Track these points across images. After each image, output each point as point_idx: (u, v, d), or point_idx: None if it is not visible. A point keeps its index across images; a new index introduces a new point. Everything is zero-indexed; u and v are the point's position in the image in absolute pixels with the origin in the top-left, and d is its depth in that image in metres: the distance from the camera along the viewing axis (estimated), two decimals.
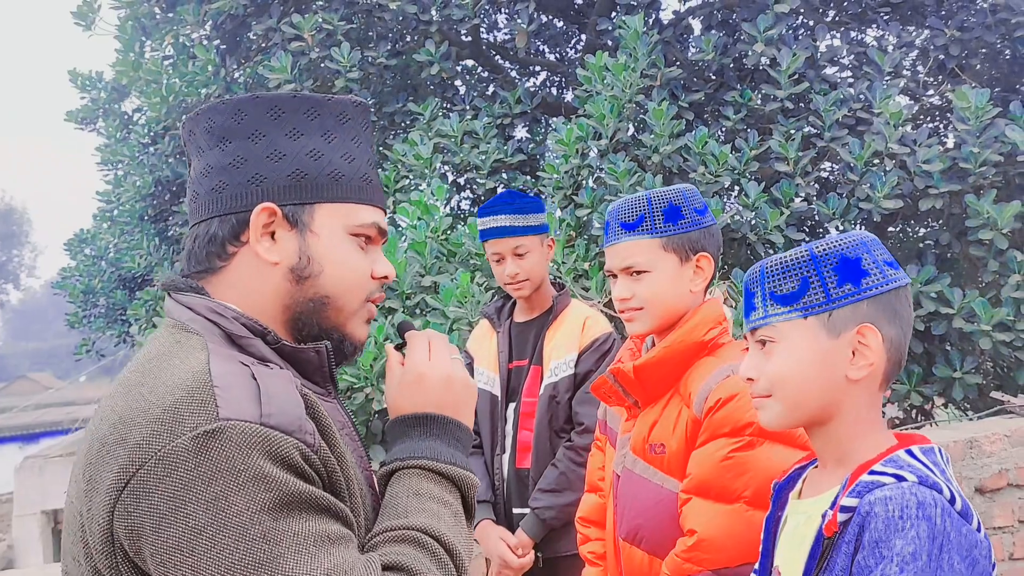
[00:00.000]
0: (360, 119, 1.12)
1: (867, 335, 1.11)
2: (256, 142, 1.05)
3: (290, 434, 0.90)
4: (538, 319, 2.59)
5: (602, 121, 4.90)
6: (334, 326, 1.09)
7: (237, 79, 6.69)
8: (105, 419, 0.94)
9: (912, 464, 1.06)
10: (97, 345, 8.27)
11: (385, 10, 5.80)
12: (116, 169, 7.86)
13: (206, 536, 0.85)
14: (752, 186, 4.73)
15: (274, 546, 0.86)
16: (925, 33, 5.89)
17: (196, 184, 1.08)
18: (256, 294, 1.06)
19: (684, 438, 1.62)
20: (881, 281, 1.12)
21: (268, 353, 1.02)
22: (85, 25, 6.90)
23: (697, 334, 1.65)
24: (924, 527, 0.97)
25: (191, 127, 1.10)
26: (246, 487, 0.86)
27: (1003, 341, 4.40)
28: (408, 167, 5.46)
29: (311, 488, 0.91)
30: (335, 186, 1.07)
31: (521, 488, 2.54)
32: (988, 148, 4.49)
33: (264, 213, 1.04)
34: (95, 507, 0.90)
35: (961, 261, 5.29)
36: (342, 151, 1.09)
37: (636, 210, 1.67)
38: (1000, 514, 3.49)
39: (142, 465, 0.87)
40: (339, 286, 1.08)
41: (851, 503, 1.04)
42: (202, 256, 1.07)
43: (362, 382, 4.00)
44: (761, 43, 5.03)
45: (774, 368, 1.15)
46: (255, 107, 1.07)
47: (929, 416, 5.79)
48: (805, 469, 1.26)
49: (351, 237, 1.08)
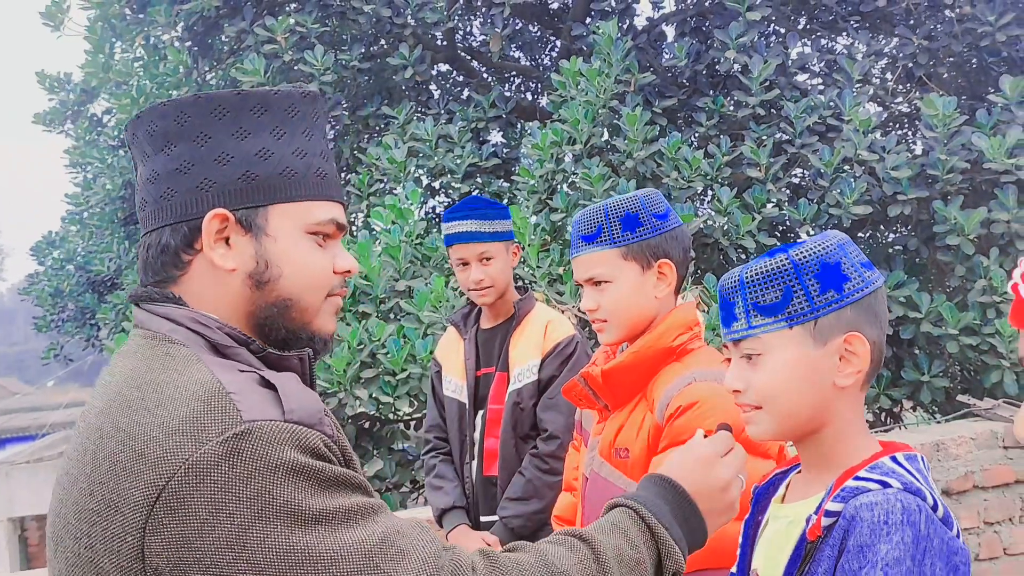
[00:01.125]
0: (309, 111, 1.08)
1: (855, 343, 1.10)
2: (202, 145, 1.01)
3: (312, 427, 0.92)
4: (503, 325, 2.58)
5: (576, 126, 4.91)
6: (300, 326, 1.07)
7: (209, 81, 6.63)
8: (107, 436, 0.91)
9: (896, 471, 1.06)
10: (65, 350, 8.15)
11: (359, 13, 5.78)
12: (85, 172, 7.76)
13: (256, 529, 0.85)
14: (724, 191, 4.77)
15: (327, 524, 0.87)
16: (894, 42, 5.98)
17: (144, 191, 1.05)
18: (217, 302, 1.03)
19: (646, 443, 1.63)
20: (861, 285, 1.11)
21: (254, 362, 1.01)
22: (54, 26, 6.80)
23: (665, 340, 1.66)
24: (909, 533, 0.98)
25: (133, 131, 1.06)
26: (286, 478, 0.87)
27: (970, 345, 4.48)
28: (382, 171, 5.44)
29: (343, 469, 0.93)
30: (288, 185, 1.03)
31: (489, 496, 2.54)
32: (955, 155, 4.56)
33: (216, 220, 1.01)
34: (116, 526, 0.87)
35: (929, 266, 5.37)
36: (293, 147, 1.05)
37: (594, 221, 1.68)
38: (966, 516, 3.54)
39: (172, 476, 0.85)
40: (300, 287, 1.05)
41: (836, 508, 1.05)
42: (157, 266, 1.03)
43: (335, 387, 3.98)
44: (733, 50, 5.07)
45: (763, 381, 1.13)
46: (198, 108, 1.02)
47: (898, 419, 5.86)
48: (788, 474, 1.26)
49: (308, 235, 1.05)
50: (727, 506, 1.14)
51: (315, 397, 0.96)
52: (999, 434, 3.66)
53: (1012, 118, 4.61)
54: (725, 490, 1.14)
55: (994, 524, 3.60)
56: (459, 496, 2.56)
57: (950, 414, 4.47)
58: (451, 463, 2.62)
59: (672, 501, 1.10)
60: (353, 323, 4.17)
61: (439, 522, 2.58)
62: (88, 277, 7.62)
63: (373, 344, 4.06)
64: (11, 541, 9.83)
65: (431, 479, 2.64)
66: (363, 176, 5.56)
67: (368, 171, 5.55)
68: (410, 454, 4.72)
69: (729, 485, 1.14)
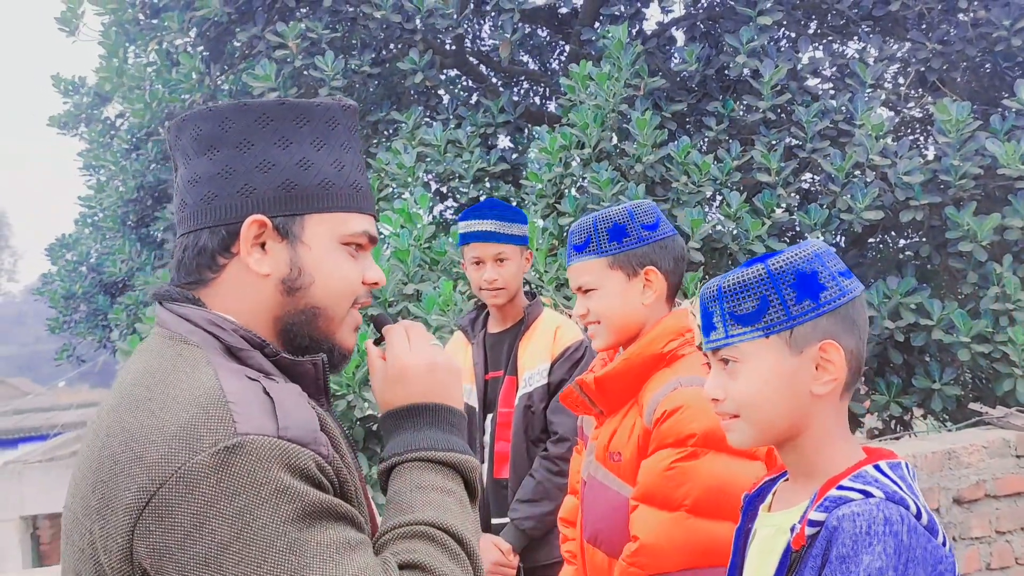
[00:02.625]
0: (348, 123, 1.11)
1: (829, 351, 1.11)
2: (245, 151, 1.04)
3: (306, 446, 0.91)
4: (511, 329, 2.61)
5: (585, 130, 4.91)
6: (324, 336, 1.08)
7: (221, 86, 6.67)
8: (113, 435, 0.92)
9: (879, 479, 1.07)
10: (77, 351, 8.21)
11: (369, 19, 5.80)
12: (98, 174, 7.81)
13: (233, 550, 0.85)
14: (734, 196, 4.75)
15: (300, 556, 0.87)
16: (906, 46, 5.95)
17: (184, 193, 1.07)
18: (247, 305, 1.04)
19: (637, 447, 1.69)
20: (838, 294, 1.12)
21: (267, 365, 1.02)
22: (69, 31, 6.86)
23: (656, 346, 1.71)
24: (891, 543, 0.98)
25: (177, 133, 1.09)
26: (270, 500, 0.87)
27: (981, 353, 4.44)
28: (391, 175, 5.45)
29: (329, 497, 0.92)
30: (325, 196, 1.06)
31: (500, 498, 2.55)
32: (968, 161, 4.53)
33: (255, 225, 1.03)
34: (111, 526, 0.89)
35: (941, 273, 5.33)
36: (332, 158, 1.07)
37: (584, 232, 1.76)
38: (978, 524, 3.51)
39: (163, 483, 0.86)
40: (330, 296, 1.07)
41: (819, 517, 1.05)
42: (192, 267, 1.05)
43: (344, 389, 3.99)
44: (744, 55, 5.06)
45: (741, 390, 1.15)
46: (242, 115, 1.05)
47: (908, 427, 5.83)
48: (776, 481, 1.27)
49: (342, 246, 1.07)
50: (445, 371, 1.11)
51: (312, 415, 0.96)
52: (1011, 442, 3.62)
53: None
54: (432, 367, 1.10)
55: (1006, 533, 3.57)
56: None
57: (961, 422, 4.44)
58: None
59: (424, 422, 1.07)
60: (361, 326, 4.17)
61: None
62: (100, 279, 7.68)
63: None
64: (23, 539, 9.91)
65: None
66: (372, 181, 5.57)
67: (377, 176, 5.56)
68: None
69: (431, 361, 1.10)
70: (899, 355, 4.85)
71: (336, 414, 4.02)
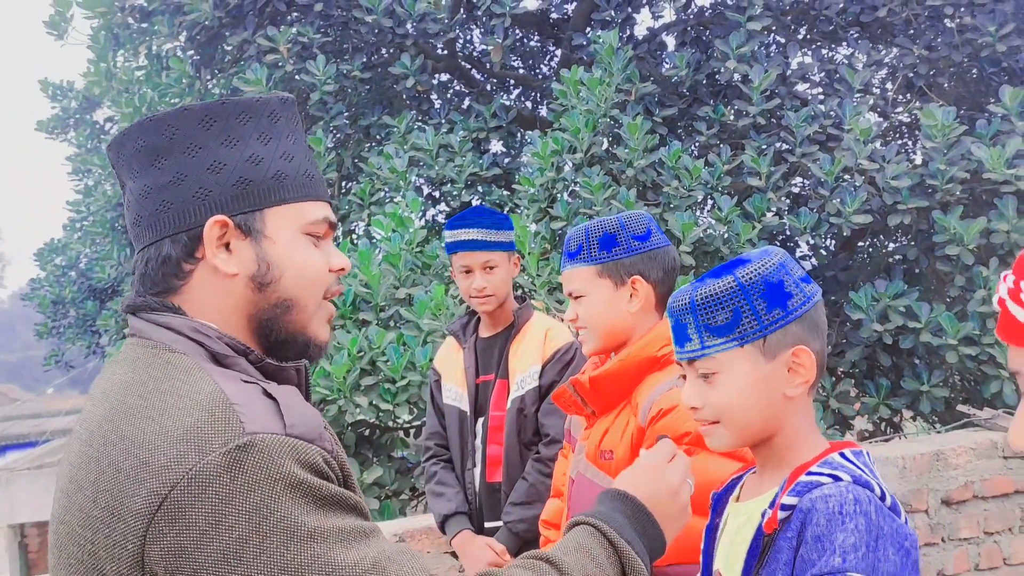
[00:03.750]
0: (288, 115, 1.11)
1: (801, 356, 1.18)
2: (193, 155, 1.03)
3: (312, 442, 0.93)
4: (502, 333, 2.62)
5: (577, 135, 4.93)
6: (299, 329, 1.08)
7: (212, 91, 6.66)
8: (111, 443, 0.92)
9: (845, 465, 1.14)
10: (66, 357, 8.16)
11: (361, 23, 5.81)
12: (87, 179, 7.78)
13: (253, 543, 0.86)
14: (725, 200, 4.78)
15: (322, 543, 0.88)
16: (894, 52, 6.00)
17: (137, 207, 1.05)
18: (218, 308, 1.04)
19: (630, 445, 1.72)
20: (803, 300, 1.19)
21: (253, 372, 1.02)
22: (57, 34, 6.83)
23: (650, 350, 1.75)
24: (862, 521, 1.05)
25: (118, 149, 1.07)
26: (285, 493, 0.88)
27: (969, 355, 4.48)
28: (383, 180, 5.46)
29: (341, 489, 0.94)
30: (280, 187, 1.06)
31: (493, 502, 2.56)
32: (955, 165, 4.57)
33: (216, 226, 1.03)
34: (119, 534, 0.88)
35: (929, 276, 5.37)
36: (280, 151, 1.07)
37: (577, 240, 1.81)
38: (966, 526, 3.54)
39: (174, 486, 0.86)
40: (301, 287, 1.07)
41: (791, 501, 1.12)
42: (158, 277, 1.04)
43: (335, 394, 3.99)
44: (734, 60, 5.09)
45: (719, 398, 1.20)
46: (185, 120, 1.04)
47: (898, 429, 5.86)
48: (742, 477, 1.33)
49: (305, 236, 1.08)
50: (680, 510, 1.18)
51: (315, 412, 0.97)
52: (999, 444, 3.66)
53: (1012, 128, 4.62)
54: (676, 494, 1.18)
55: (994, 534, 3.60)
56: (461, 502, 2.58)
57: (950, 424, 4.47)
58: (452, 469, 2.64)
59: (629, 513, 1.13)
60: (353, 330, 4.17)
61: (442, 528, 2.60)
62: (89, 284, 7.65)
63: (373, 351, 4.07)
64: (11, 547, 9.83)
65: (432, 486, 2.66)
66: (364, 185, 5.57)
67: (369, 180, 5.57)
68: (409, 461, 4.72)
69: (679, 489, 1.19)
70: (888, 357, 4.89)
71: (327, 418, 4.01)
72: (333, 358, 4.01)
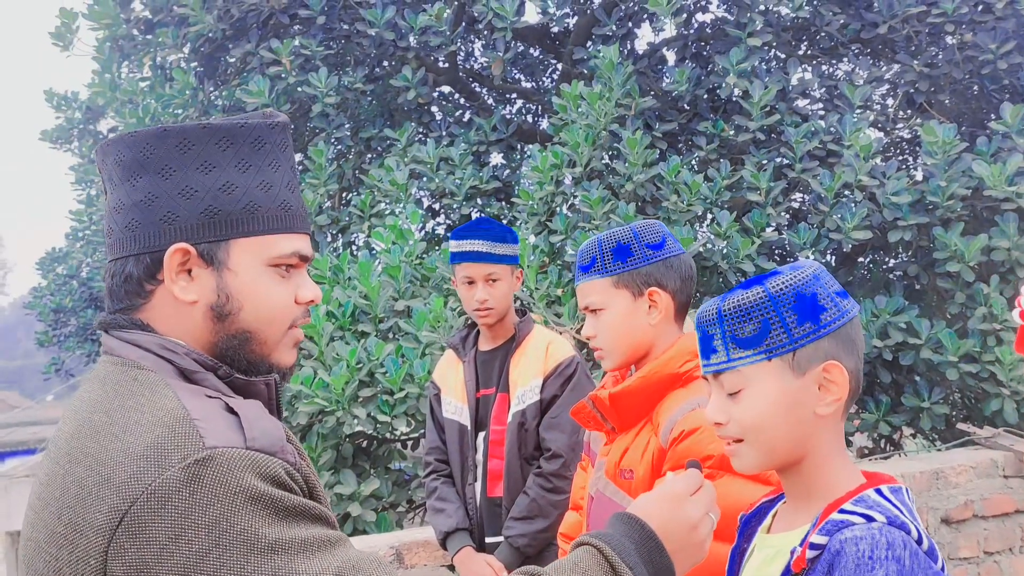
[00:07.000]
0: (278, 141, 1.09)
1: (833, 372, 1.11)
2: (166, 178, 1.02)
3: (274, 455, 0.93)
4: (502, 347, 2.60)
5: (576, 149, 4.94)
6: (260, 358, 1.07)
7: (215, 102, 6.69)
8: (76, 461, 0.92)
9: (881, 504, 1.07)
10: (66, 365, 8.18)
11: (363, 36, 5.83)
12: (89, 189, 7.81)
13: (213, 556, 0.86)
14: (724, 215, 4.78)
15: (283, 555, 0.88)
16: (894, 68, 6.01)
17: (110, 219, 1.06)
18: (179, 331, 1.04)
19: (650, 466, 1.66)
20: (837, 315, 1.12)
21: (222, 387, 1.02)
22: (63, 46, 6.87)
23: (672, 366, 1.69)
24: (893, 567, 0.99)
25: (102, 157, 1.07)
26: (245, 506, 0.88)
27: (969, 372, 4.46)
28: (384, 192, 5.48)
29: (303, 499, 0.93)
30: (251, 219, 1.04)
31: (494, 516, 2.54)
32: (955, 182, 4.57)
33: (177, 254, 1.02)
34: (81, 550, 0.88)
35: (929, 292, 5.36)
36: (259, 180, 1.05)
37: (590, 252, 1.76)
38: (965, 545, 3.52)
39: (134, 502, 0.87)
40: (260, 321, 1.06)
41: (820, 540, 1.05)
42: (121, 294, 1.04)
43: (333, 405, 3.98)
44: (734, 75, 5.10)
45: (745, 414, 1.14)
46: (162, 141, 1.03)
47: (898, 446, 5.83)
48: (775, 503, 1.27)
49: (270, 268, 1.06)
50: (696, 545, 1.13)
51: (277, 425, 0.97)
52: (999, 463, 3.64)
53: (1012, 145, 4.62)
54: (694, 529, 1.13)
55: (994, 554, 3.58)
56: (462, 518, 2.56)
57: (950, 441, 4.45)
58: (452, 485, 2.63)
59: (638, 540, 1.09)
60: (352, 342, 4.17)
61: (443, 545, 2.58)
62: (90, 293, 7.67)
63: (371, 363, 4.06)
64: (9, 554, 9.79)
65: (433, 502, 2.64)
66: (365, 197, 5.58)
67: (370, 192, 5.58)
68: (407, 474, 4.71)
69: (698, 524, 1.13)
70: (888, 374, 4.87)
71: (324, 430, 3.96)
72: (332, 369, 4.00)
